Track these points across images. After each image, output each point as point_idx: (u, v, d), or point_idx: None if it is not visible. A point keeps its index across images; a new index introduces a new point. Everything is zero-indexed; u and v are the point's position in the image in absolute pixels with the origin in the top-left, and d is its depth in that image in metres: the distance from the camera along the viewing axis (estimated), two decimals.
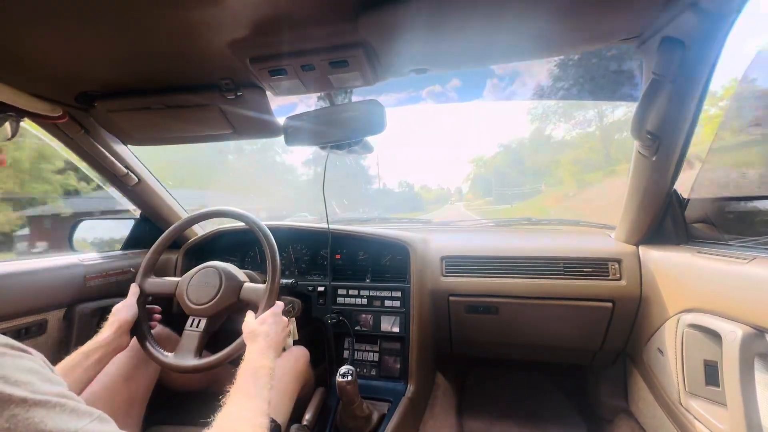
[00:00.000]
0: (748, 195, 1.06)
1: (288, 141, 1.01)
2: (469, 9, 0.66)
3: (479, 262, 1.33)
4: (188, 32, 0.73)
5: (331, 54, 0.79)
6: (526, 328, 1.33)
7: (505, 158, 14.57)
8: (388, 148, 23.19)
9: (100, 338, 0.85)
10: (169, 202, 1.51)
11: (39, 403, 0.36)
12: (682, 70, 0.75)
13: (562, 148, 11.06)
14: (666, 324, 1.01)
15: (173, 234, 1.10)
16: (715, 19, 0.67)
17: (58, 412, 0.38)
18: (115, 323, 0.88)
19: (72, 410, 0.39)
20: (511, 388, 1.69)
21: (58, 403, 0.38)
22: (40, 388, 0.38)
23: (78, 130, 1.11)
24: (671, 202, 1.08)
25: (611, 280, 1.20)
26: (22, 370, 0.38)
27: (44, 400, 0.37)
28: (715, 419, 0.81)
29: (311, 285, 1.34)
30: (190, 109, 1.03)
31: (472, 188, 16.26)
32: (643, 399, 1.22)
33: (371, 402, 1.12)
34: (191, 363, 0.90)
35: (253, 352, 0.78)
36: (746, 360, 0.72)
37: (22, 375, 0.38)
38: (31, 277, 1.08)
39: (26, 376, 0.38)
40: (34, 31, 0.71)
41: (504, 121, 21.42)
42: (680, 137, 0.90)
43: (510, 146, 15.29)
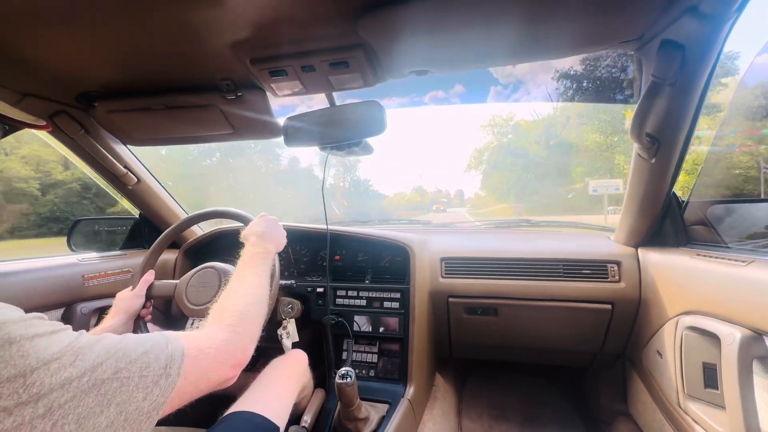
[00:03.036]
0: (747, 198, 1.06)
1: (288, 142, 1.01)
2: (469, 11, 0.66)
3: (479, 264, 1.33)
4: (189, 33, 0.73)
5: (331, 55, 0.79)
6: (526, 329, 1.33)
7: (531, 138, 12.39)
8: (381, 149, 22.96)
9: (107, 325, 0.86)
10: (169, 203, 1.51)
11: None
12: (681, 72, 0.76)
13: None
14: (665, 326, 1.01)
15: (172, 234, 1.10)
16: (714, 22, 0.67)
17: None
18: (122, 311, 0.90)
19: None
20: (511, 391, 1.69)
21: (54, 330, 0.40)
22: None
23: (78, 129, 1.11)
24: (670, 205, 1.08)
25: (610, 282, 1.20)
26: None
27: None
28: (713, 422, 0.81)
29: (310, 286, 1.34)
30: (190, 109, 1.03)
31: (484, 187, 15.09)
32: (642, 401, 1.22)
33: (370, 403, 1.11)
34: None
35: (246, 247, 0.84)
36: (745, 363, 0.72)
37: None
38: (29, 277, 1.08)
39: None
40: (35, 31, 0.71)
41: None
42: (679, 140, 0.90)
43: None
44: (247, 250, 0.82)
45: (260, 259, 0.80)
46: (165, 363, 0.44)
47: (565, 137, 10.64)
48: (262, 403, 0.81)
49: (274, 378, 0.93)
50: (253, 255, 0.80)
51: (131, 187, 1.37)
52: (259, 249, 0.82)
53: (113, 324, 0.86)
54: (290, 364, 1.01)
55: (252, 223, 0.91)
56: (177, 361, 0.46)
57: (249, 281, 0.72)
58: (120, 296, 0.94)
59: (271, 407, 0.82)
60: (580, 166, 10.08)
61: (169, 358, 0.45)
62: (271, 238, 0.88)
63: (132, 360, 0.42)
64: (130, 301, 0.92)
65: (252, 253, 0.81)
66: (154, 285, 1.02)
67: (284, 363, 1.00)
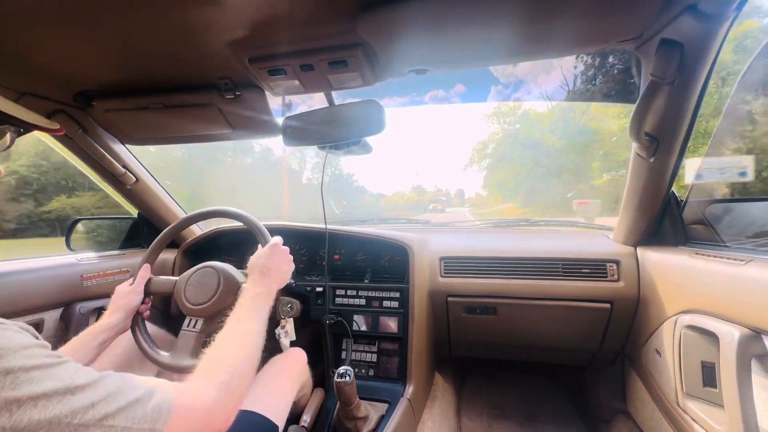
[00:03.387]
0: (745, 197, 1.06)
1: (286, 141, 1.01)
2: (469, 9, 0.66)
3: (478, 263, 1.33)
4: (187, 32, 0.73)
5: (330, 54, 0.79)
6: (525, 328, 1.33)
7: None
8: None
9: (107, 322, 0.85)
10: (167, 202, 1.50)
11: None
12: (680, 71, 0.76)
13: None
14: (664, 325, 1.02)
15: (171, 233, 1.09)
16: (713, 22, 0.67)
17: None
18: (121, 308, 0.89)
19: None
20: (510, 389, 1.69)
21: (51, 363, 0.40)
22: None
23: (76, 129, 1.11)
24: (669, 204, 1.08)
25: (609, 281, 1.20)
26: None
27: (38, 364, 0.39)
28: (712, 420, 0.81)
29: (309, 285, 1.34)
30: (188, 108, 1.03)
31: (487, 185, 13.45)
32: (641, 400, 1.23)
33: (369, 403, 1.11)
34: (187, 363, 0.89)
35: (249, 284, 0.81)
36: (743, 361, 0.72)
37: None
38: (27, 277, 1.08)
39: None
40: (33, 30, 0.71)
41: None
42: (678, 139, 0.90)
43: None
44: (249, 290, 0.79)
45: (262, 302, 0.77)
46: (151, 418, 0.43)
47: (585, 124, 9.60)
48: (261, 402, 0.81)
49: (273, 377, 0.93)
50: (255, 296, 0.77)
51: (130, 186, 1.37)
52: (261, 289, 0.79)
53: (111, 321, 0.86)
54: (289, 363, 1.01)
55: (260, 254, 0.87)
56: (163, 417, 0.45)
57: (247, 328, 0.69)
58: (119, 291, 0.93)
59: (270, 406, 0.82)
60: (597, 160, 9.10)
61: (155, 412, 0.44)
62: (277, 274, 0.85)
63: (121, 407, 0.41)
64: (128, 297, 0.92)
65: (254, 294, 0.77)
66: (152, 281, 1.02)
67: (283, 362, 1.00)
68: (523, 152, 12.19)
